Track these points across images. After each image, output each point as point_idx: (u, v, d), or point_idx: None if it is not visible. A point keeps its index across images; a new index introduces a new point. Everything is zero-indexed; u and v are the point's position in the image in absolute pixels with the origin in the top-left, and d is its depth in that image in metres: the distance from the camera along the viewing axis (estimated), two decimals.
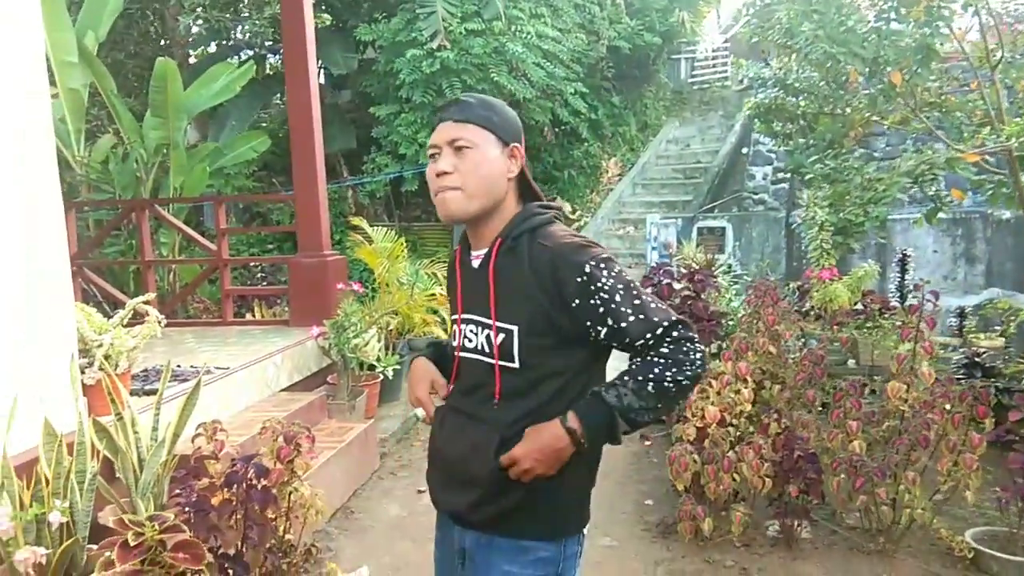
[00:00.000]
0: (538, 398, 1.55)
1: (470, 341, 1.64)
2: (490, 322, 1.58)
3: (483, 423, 1.59)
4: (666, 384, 1.48)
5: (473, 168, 1.55)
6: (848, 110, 5.67)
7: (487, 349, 1.59)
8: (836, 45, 4.63)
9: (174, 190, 7.62)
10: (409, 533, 3.95)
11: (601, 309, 1.48)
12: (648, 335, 1.49)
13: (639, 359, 1.53)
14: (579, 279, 1.48)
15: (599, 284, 1.48)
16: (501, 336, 1.55)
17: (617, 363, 1.60)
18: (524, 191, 1.67)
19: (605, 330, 1.50)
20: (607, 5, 11.77)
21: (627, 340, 1.51)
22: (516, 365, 1.54)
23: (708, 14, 15.55)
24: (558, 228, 1.60)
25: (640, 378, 1.49)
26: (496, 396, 1.57)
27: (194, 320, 6.81)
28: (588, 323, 1.50)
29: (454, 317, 1.73)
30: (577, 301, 1.49)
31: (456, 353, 1.70)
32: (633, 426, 1.53)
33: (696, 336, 1.53)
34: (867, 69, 4.75)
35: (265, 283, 9.22)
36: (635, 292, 1.51)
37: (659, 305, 1.54)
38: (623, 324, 1.49)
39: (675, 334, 1.49)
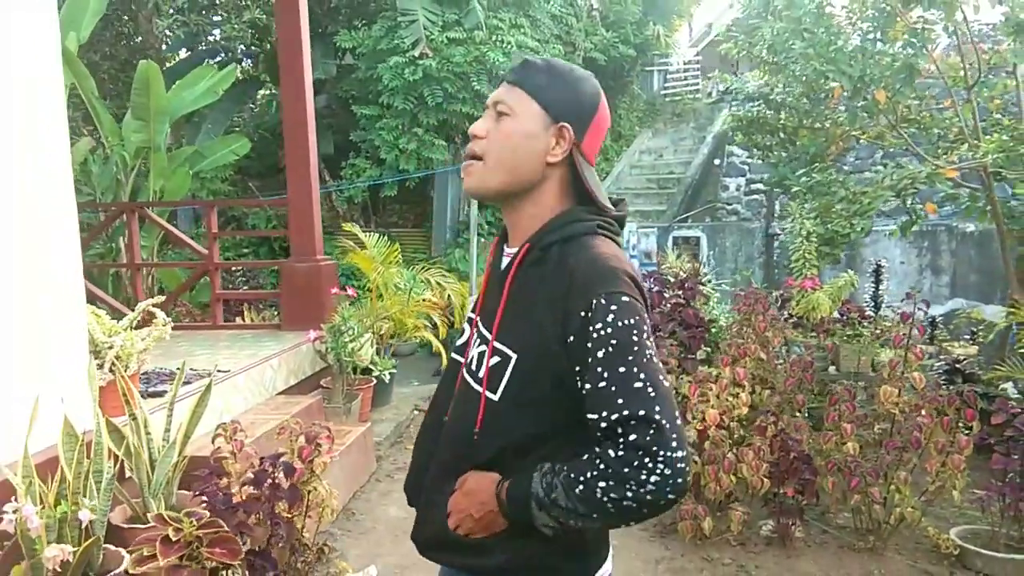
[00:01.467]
0: (512, 448, 1.30)
1: (469, 352, 1.41)
2: (489, 337, 1.34)
3: (460, 469, 1.35)
4: (597, 495, 1.15)
5: (502, 138, 1.32)
6: (828, 124, 5.87)
7: (474, 368, 1.36)
8: (825, 63, 4.82)
9: (154, 193, 7.56)
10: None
11: (587, 358, 1.20)
12: (602, 413, 1.17)
13: (588, 449, 1.20)
14: (582, 313, 1.21)
15: (594, 327, 1.20)
16: (495, 359, 1.31)
17: None
18: (579, 191, 1.37)
19: (585, 383, 1.22)
20: (584, 17, 11.99)
21: (584, 407, 1.21)
22: (495, 397, 1.30)
23: (680, 28, 15.91)
24: (595, 242, 1.30)
25: (573, 475, 1.18)
26: (477, 426, 1.32)
27: (183, 324, 6.74)
28: (577, 367, 1.23)
29: (470, 315, 1.49)
30: (573, 338, 1.22)
31: (461, 356, 1.45)
32: (562, 524, 1.21)
33: (668, 453, 1.12)
34: (852, 86, 4.94)
35: (247, 287, 9.18)
36: (627, 358, 1.18)
37: (648, 390, 1.16)
38: (587, 387, 1.20)
39: (632, 437, 1.13)
